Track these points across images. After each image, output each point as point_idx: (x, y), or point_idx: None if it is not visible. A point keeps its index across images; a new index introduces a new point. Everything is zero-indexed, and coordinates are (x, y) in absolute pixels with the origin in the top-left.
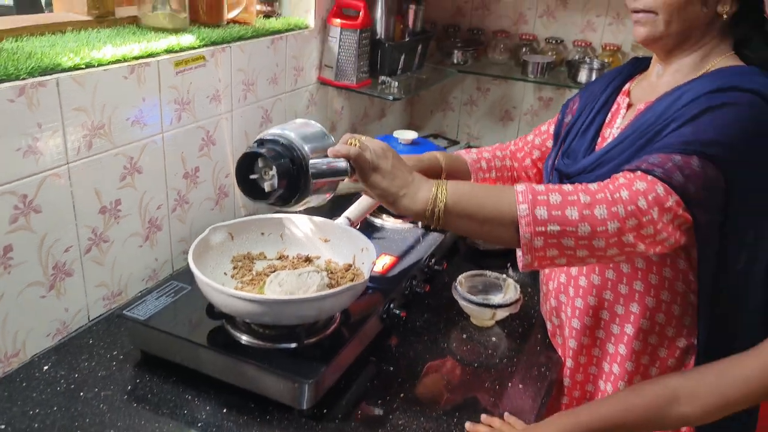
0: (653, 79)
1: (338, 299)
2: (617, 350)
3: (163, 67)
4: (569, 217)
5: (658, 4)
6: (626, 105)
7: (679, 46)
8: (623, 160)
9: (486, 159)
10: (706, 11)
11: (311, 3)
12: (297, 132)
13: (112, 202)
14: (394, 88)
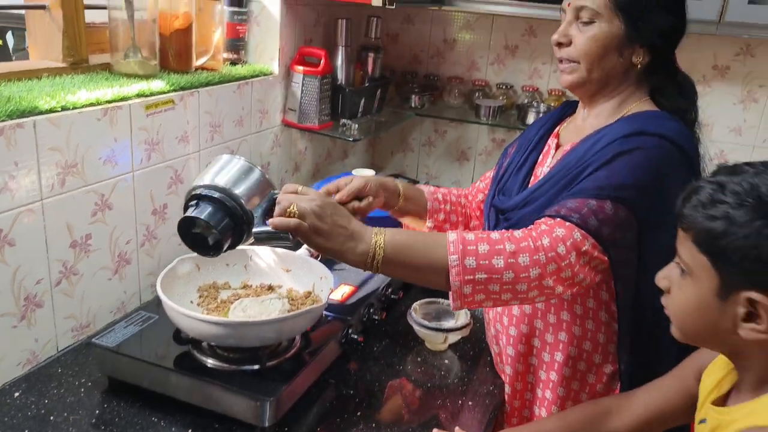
0: (579, 121)
1: (297, 322)
2: (549, 377)
3: (135, 110)
4: (495, 266)
5: (580, 55)
6: (555, 146)
7: (600, 91)
8: (549, 197)
9: (442, 193)
10: (622, 61)
11: (275, 52)
12: (226, 177)
13: (83, 236)
14: (354, 130)
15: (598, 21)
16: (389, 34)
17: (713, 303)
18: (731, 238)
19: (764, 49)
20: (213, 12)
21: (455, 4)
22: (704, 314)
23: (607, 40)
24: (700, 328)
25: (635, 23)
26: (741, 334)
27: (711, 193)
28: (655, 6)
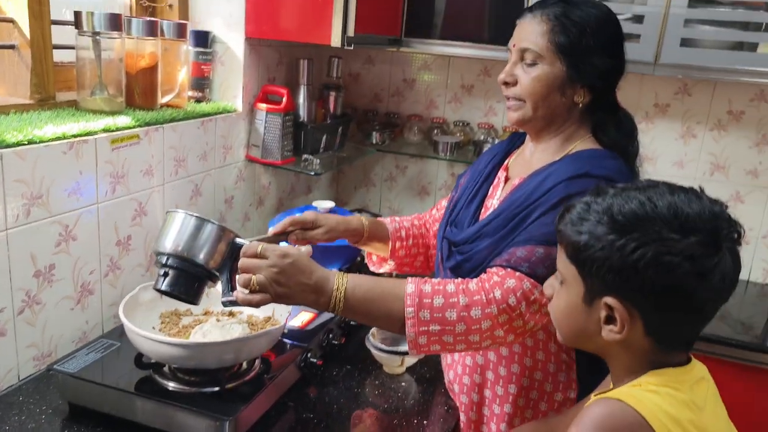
0: (527, 155)
1: (256, 343)
2: (503, 409)
3: (100, 144)
4: (448, 319)
5: (525, 94)
6: (504, 179)
7: (546, 128)
8: (499, 234)
9: (405, 228)
10: (564, 100)
11: (239, 90)
12: (185, 241)
13: (47, 266)
14: (316, 165)
15: (541, 63)
16: (351, 74)
17: (581, 308)
18: (592, 251)
19: (700, 88)
20: (179, 52)
21: (412, 46)
22: (575, 318)
23: (550, 80)
24: (573, 330)
25: (576, 65)
26: (603, 335)
27: (579, 212)
28: (594, 49)
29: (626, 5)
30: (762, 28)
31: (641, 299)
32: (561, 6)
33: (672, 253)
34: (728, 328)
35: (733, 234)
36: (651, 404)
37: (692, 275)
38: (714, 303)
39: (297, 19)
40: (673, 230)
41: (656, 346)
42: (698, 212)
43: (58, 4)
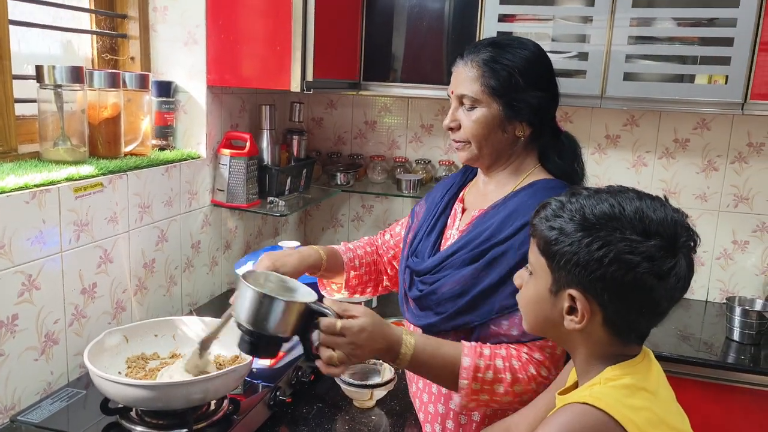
0: (481, 186)
1: (223, 380)
2: None
3: (63, 193)
4: (496, 391)
5: (468, 136)
6: (461, 210)
7: (495, 163)
8: (467, 269)
9: (359, 257)
10: (507, 136)
11: (202, 137)
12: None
13: (9, 317)
14: (282, 206)
15: (479, 106)
16: (314, 119)
17: (547, 297)
18: (561, 246)
19: (647, 119)
20: (141, 102)
21: (371, 89)
22: (541, 306)
23: (489, 121)
24: (539, 318)
25: (510, 104)
26: (564, 324)
27: (554, 210)
28: (524, 88)
29: (571, 44)
30: (697, 61)
31: (602, 293)
32: (490, 51)
33: (633, 252)
34: (690, 347)
35: (690, 242)
36: (613, 401)
37: (650, 275)
38: (668, 302)
39: (257, 67)
40: (637, 232)
41: (613, 338)
42: (661, 218)
43: (20, 59)
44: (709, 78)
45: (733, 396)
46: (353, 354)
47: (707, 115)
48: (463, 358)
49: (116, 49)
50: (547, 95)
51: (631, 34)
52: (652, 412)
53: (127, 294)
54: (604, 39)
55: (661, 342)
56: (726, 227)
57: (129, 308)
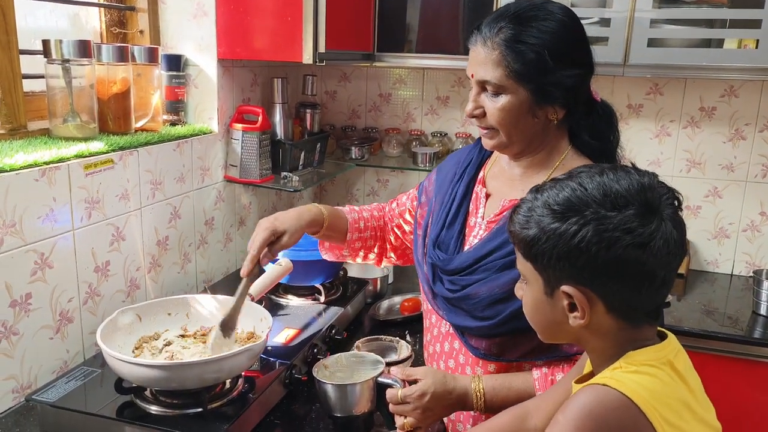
0: (506, 168)
1: (237, 360)
2: None
3: (73, 170)
4: None
5: (496, 124)
6: (485, 195)
7: (526, 149)
8: (505, 266)
9: (365, 219)
10: (537, 121)
11: (214, 112)
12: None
13: (23, 295)
14: (296, 182)
15: (504, 93)
16: (327, 92)
17: (545, 301)
18: (540, 244)
19: (671, 87)
20: (151, 76)
21: (386, 60)
22: (543, 312)
23: (517, 108)
24: (545, 324)
25: (540, 88)
26: (570, 323)
27: (525, 211)
28: (556, 68)
29: (592, 9)
30: (726, 24)
31: (593, 280)
32: (511, 28)
33: (609, 229)
34: (715, 322)
35: (669, 201)
36: (633, 384)
37: (633, 246)
38: (664, 270)
39: (268, 39)
40: (606, 208)
41: (623, 323)
42: (627, 187)
43: (27, 34)
44: (738, 42)
45: (759, 371)
46: (424, 417)
47: (735, 81)
48: (537, 393)
49: (124, 22)
50: (582, 71)
51: None
52: (674, 398)
53: (140, 272)
54: (627, 3)
55: (685, 317)
56: (753, 198)
57: (143, 286)
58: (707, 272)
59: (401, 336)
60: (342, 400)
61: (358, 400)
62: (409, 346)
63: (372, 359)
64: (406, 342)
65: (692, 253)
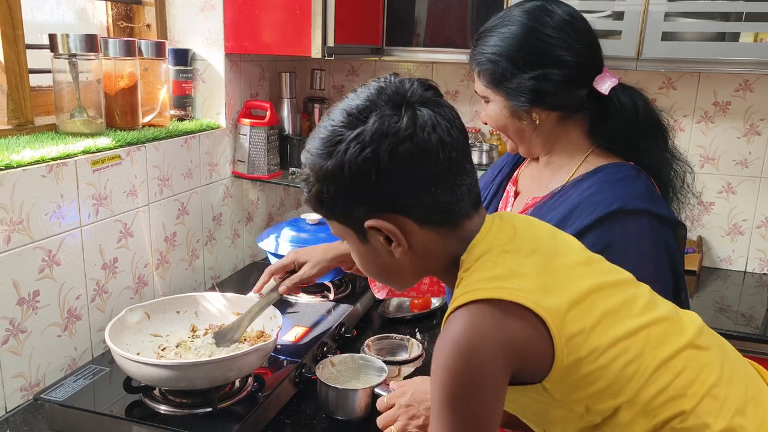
0: (535, 166)
1: (247, 359)
2: None
3: (81, 166)
4: None
5: (491, 126)
6: (514, 193)
7: (540, 150)
8: None
9: None
10: (527, 123)
11: (222, 107)
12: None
13: (30, 293)
14: None
15: (489, 101)
16: (335, 86)
17: (365, 249)
18: (324, 192)
19: (684, 81)
20: (158, 71)
21: (394, 54)
22: (371, 261)
23: (499, 113)
24: (381, 271)
25: (510, 94)
26: (397, 257)
27: (302, 172)
28: (512, 72)
29: (605, 2)
30: (743, 17)
31: (386, 201)
32: (475, 42)
33: (366, 143)
34: (728, 320)
35: (418, 89)
36: (482, 283)
37: (397, 145)
38: (442, 153)
39: (276, 33)
40: (353, 126)
41: (443, 230)
42: (365, 97)
43: (33, 28)
44: (754, 36)
45: None
46: (412, 417)
47: (751, 76)
48: None
49: (131, 16)
50: (547, 71)
51: None
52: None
53: (148, 268)
54: None
55: (698, 315)
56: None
57: (151, 283)
58: (720, 269)
59: (411, 334)
60: (339, 402)
61: (353, 405)
62: (420, 344)
63: (378, 366)
64: (416, 340)
65: (705, 250)
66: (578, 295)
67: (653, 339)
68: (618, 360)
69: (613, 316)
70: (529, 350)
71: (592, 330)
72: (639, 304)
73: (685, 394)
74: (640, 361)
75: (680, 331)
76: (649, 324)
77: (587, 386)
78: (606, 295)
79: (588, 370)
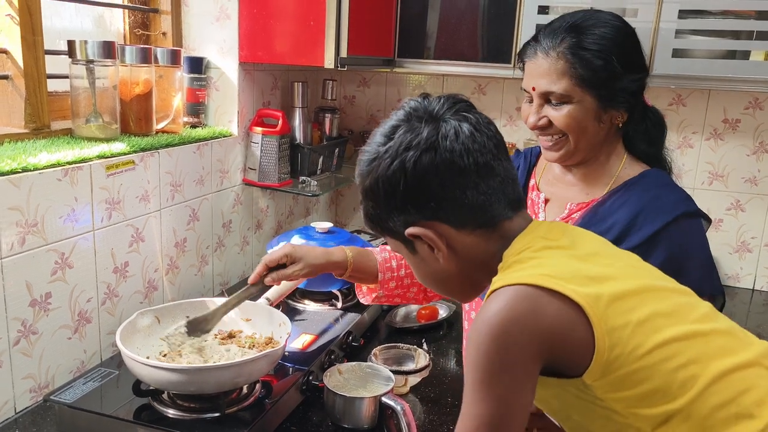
0: (559, 173)
1: (256, 365)
2: None
3: (95, 170)
4: None
5: (565, 130)
6: (543, 200)
7: (588, 155)
8: None
9: (396, 257)
10: (602, 125)
11: (234, 114)
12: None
13: (43, 295)
14: (314, 186)
15: (570, 102)
16: (346, 97)
17: (416, 258)
18: (370, 209)
19: (694, 98)
20: (173, 78)
21: (406, 66)
22: (423, 269)
23: (584, 115)
24: (434, 280)
25: (607, 94)
26: (442, 264)
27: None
28: (621, 72)
29: None
30: (753, 36)
31: (421, 210)
32: (573, 36)
33: (395, 156)
34: None
35: (447, 105)
36: (520, 270)
37: (422, 155)
38: (468, 158)
39: (290, 43)
40: (384, 143)
41: (482, 231)
42: (397, 118)
43: (52, 34)
44: (765, 54)
45: None
46: None
47: (761, 94)
48: None
49: (148, 24)
50: (643, 75)
51: (682, 8)
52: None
53: (158, 273)
54: (652, 13)
55: None
56: None
57: (161, 287)
58: (728, 287)
59: (418, 344)
60: (346, 410)
61: (360, 413)
62: (427, 354)
63: (385, 375)
64: (423, 350)
65: None
66: (625, 289)
67: (712, 348)
68: (668, 362)
69: (666, 318)
70: (567, 338)
71: (639, 326)
72: (697, 313)
73: (752, 414)
74: (694, 367)
75: (745, 347)
76: (708, 333)
77: (633, 386)
78: (659, 297)
79: (633, 368)
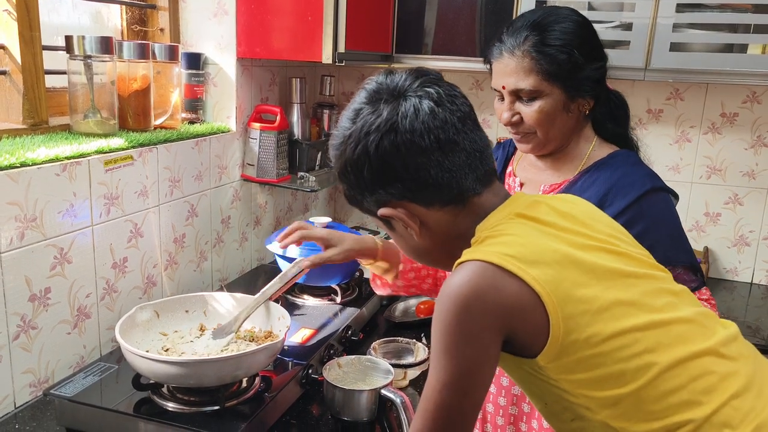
0: (534, 160)
1: (255, 358)
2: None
3: (94, 165)
4: None
5: (534, 126)
6: (518, 184)
7: (560, 144)
8: None
9: None
10: (571, 115)
11: (232, 110)
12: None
13: (42, 290)
14: (312, 182)
15: (539, 97)
16: (345, 93)
17: (397, 236)
18: (348, 190)
19: (692, 92)
20: (171, 74)
21: (404, 61)
22: (404, 244)
23: (553, 107)
24: (413, 252)
25: (573, 85)
26: (417, 240)
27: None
28: (584, 62)
29: (614, 13)
30: (750, 29)
31: (389, 189)
32: (536, 34)
33: (360, 138)
34: None
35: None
36: (485, 246)
37: (383, 137)
38: (429, 136)
39: (288, 38)
40: (349, 126)
41: (451, 208)
42: (359, 100)
43: (50, 30)
44: (763, 48)
45: None
46: None
47: (758, 87)
48: None
49: (145, 20)
50: (603, 63)
51: (680, 2)
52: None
53: (157, 269)
54: (649, 8)
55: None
56: None
57: (159, 283)
58: (726, 280)
59: (417, 338)
60: (346, 403)
61: (359, 406)
62: (426, 348)
63: (384, 368)
64: (422, 344)
65: (711, 261)
66: (590, 276)
67: (670, 337)
68: (623, 350)
69: (627, 308)
70: (525, 319)
71: (598, 314)
72: (662, 300)
73: (700, 401)
74: (650, 356)
75: (705, 336)
76: (669, 322)
77: (586, 370)
78: (625, 284)
79: (587, 354)
